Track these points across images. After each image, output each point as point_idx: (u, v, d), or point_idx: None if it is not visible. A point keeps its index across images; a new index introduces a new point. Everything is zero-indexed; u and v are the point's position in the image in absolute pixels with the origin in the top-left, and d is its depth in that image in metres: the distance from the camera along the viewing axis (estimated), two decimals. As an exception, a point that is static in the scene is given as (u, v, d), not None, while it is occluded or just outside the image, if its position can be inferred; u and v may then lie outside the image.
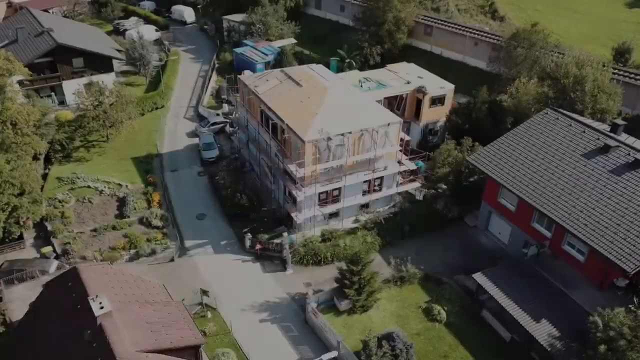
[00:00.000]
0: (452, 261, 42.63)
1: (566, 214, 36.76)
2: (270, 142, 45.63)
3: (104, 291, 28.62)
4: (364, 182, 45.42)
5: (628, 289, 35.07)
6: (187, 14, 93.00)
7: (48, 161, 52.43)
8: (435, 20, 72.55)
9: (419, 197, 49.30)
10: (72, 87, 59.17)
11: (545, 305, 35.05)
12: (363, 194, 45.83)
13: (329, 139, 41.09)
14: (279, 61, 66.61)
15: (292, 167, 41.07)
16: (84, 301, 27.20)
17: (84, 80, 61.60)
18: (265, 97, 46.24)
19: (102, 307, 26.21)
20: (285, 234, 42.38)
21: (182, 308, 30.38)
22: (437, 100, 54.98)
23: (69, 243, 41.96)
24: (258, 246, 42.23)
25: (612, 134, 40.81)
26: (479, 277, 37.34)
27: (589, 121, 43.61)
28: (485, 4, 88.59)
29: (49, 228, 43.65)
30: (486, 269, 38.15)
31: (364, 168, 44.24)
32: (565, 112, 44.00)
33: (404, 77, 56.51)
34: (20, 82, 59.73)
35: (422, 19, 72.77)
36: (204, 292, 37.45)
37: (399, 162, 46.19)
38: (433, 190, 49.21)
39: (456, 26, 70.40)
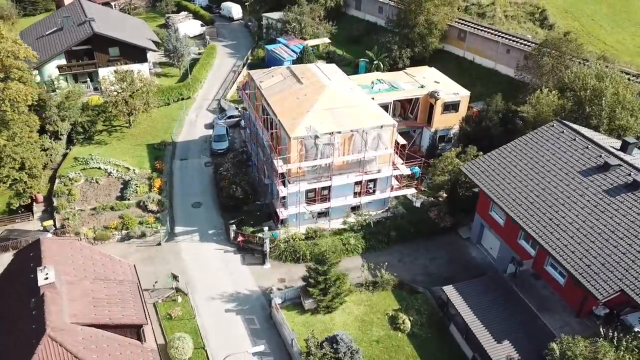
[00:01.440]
0: (436, 272, 41.27)
1: (548, 232, 34.64)
2: (263, 136, 46.15)
3: (59, 264, 30.28)
4: (356, 183, 44.91)
5: (608, 319, 32.49)
6: (235, 10, 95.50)
7: (71, 142, 55.71)
8: (469, 24, 70.27)
9: (417, 203, 48.01)
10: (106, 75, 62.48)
11: (513, 326, 33.24)
12: (354, 196, 45.27)
13: (316, 137, 40.97)
14: (300, 59, 66.92)
15: (276, 162, 41.36)
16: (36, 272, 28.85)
17: (119, 68, 64.73)
18: (266, 92, 46.81)
19: (46, 278, 27.69)
20: (266, 228, 42.75)
21: (134, 289, 31.46)
22: (451, 107, 53.31)
23: (68, 219, 44.47)
24: (240, 238, 42.85)
25: (617, 152, 37.93)
26: (448, 289, 35.95)
27: (598, 137, 40.78)
28: (536, 11, 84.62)
29: (55, 203, 46.47)
30: (460, 283, 36.68)
31: (355, 169, 43.72)
32: (572, 125, 41.36)
33: (420, 81, 55.27)
34: (59, 67, 64.28)
35: (457, 22, 70.63)
36: (174, 277, 38.51)
37: (394, 166, 45.26)
38: (432, 198, 47.87)
39: (490, 31, 67.81)
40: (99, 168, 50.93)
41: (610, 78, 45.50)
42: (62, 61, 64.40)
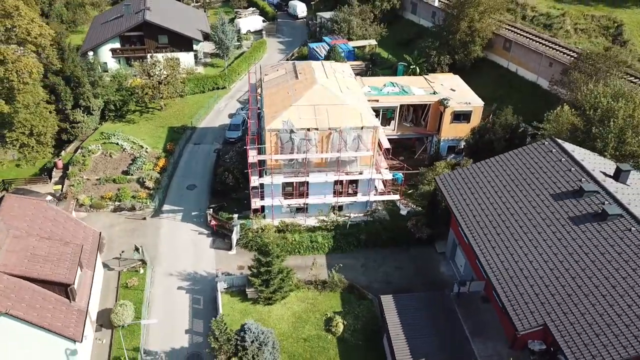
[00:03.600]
0: (396, 281, 39.95)
1: (494, 254, 32.34)
2: (250, 127, 47.24)
3: (14, 219, 33.63)
4: (338, 183, 44.56)
5: (543, 356, 29.68)
6: (299, 9, 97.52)
7: (104, 118, 60.64)
8: (517, 30, 66.37)
9: (403, 211, 46.51)
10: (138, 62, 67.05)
11: (439, 347, 31.48)
12: (334, 195, 44.93)
13: (292, 131, 41.28)
14: (327, 57, 67.07)
15: (250, 152, 42.30)
16: (-9, 223, 32.27)
17: (164, 55, 69.27)
18: (265, 84, 47.92)
19: (-11, 229, 30.90)
20: (236, 215, 43.82)
21: (77, 251, 33.86)
22: (462, 117, 50.95)
23: (73, 186, 48.68)
24: (213, 222, 44.32)
25: (603, 179, 34.48)
26: (385, 299, 34.71)
27: (594, 160, 37.36)
28: (611, 25, 77.85)
29: (68, 170, 51.02)
30: (400, 294, 35.28)
31: (334, 168, 43.39)
32: (565, 145, 38.13)
33: (437, 87, 53.34)
34: (112, 50, 70.07)
35: (507, 28, 66.94)
36: (136, 249, 40.82)
37: (377, 170, 44.30)
38: (420, 208, 46.17)
39: (537, 39, 63.60)
40: (117, 144, 54.97)
41: (628, 98, 41.02)
42: (117, 45, 70.11)
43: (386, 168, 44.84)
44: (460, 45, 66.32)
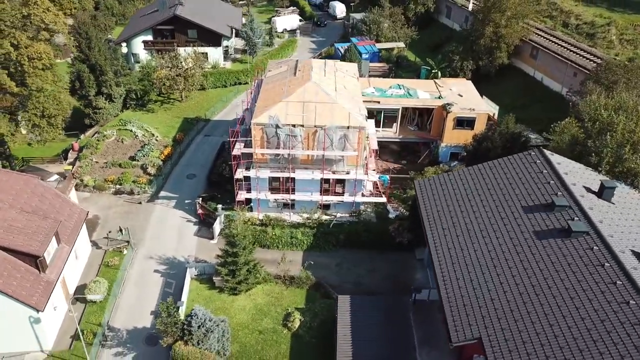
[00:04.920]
0: (366, 283, 39.46)
1: (449, 262, 31.30)
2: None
3: (2, 193, 36.00)
4: (325, 182, 44.52)
5: (487, 372, 28.47)
6: (338, 9, 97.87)
7: (125, 105, 63.54)
8: (549, 37, 63.63)
9: (392, 215, 45.77)
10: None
11: (382, 351, 30.87)
12: (321, 194, 44.89)
13: (277, 126, 41.68)
14: (342, 57, 66.85)
15: (237, 145, 43.05)
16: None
17: (194, 49, 71.55)
18: (265, 80, 48.69)
19: (-30, 198, 33.30)
20: (219, 206, 44.70)
21: (53, 227, 35.74)
22: (465, 123, 49.50)
23: (81, 167, 51.40)
24: (200, 211, 45.46)
25: (582, 194, 32.60)
26: (341, 298, 34.45)
27: (577, 173, 35.44)
28: (664, 36, 73.11)
29: (82, 152, 53.89)
30: (357, 295, 34.87)
31: (320, 166, 43.36)
32: (550, 156, 36.37)
33: (445, 92, 52.08)
34: (144, 42, 73.21)
35: (537, 34, 64.38)
36: (120, 230, 42.56)
37: (365, 171, 43.87)
38: (407, 212, 45.26)
39: (564, 44, 60.76)
40: (130, 130, 57.44)
41: (632, 112, 38.43)
42: (149, 37, 73.19)
43: (374, 170, 44.30)
44: (484, 51, 64.30)
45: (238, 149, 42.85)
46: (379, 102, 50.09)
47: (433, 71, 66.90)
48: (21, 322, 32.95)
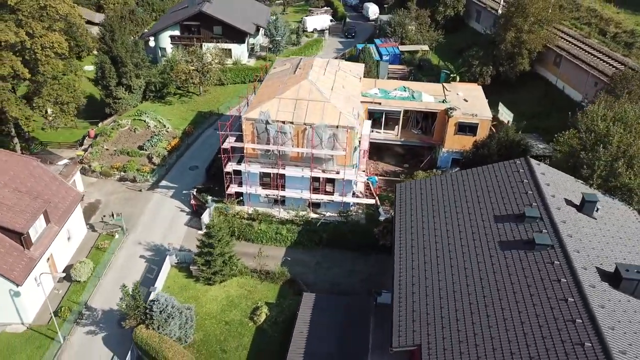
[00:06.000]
0: (342, 283, 39.25)
1: (410, 268, 30.69)
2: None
3: (-1, 172, 38.24)
4: (315, 180, 44.57)
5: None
6: (371, 10, 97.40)
7: (145, 97, 65.76)
8: (575, 41, 61.15)
9: (382, 217, 45.21)
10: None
11: (334, 351, 30.72)
12: (311, 192, 44.95)
13: (267, 122, 42.08)
14: (356, 58, 66.45)
15: (229, 139, 43.77)
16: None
17: (217, 45, 73.23)
18: (267, 77, 49.26)
19: (-35, 175, 35.51)
20: (209, 198, 45.52)
21: (42, 207, 37.55)
22: (467, 128, 48.17)
23: (92, 153, 53.65)
24: (192, 202, 46.50)
25: (558, 206, 31.30)
26: (306, 296, 34.47)
27: (561, 185, 34.02)
28: None
29: (95, 139, 56.25)
30: (323, 294, 34.73)
31: (310, 164, 43.43)
32: (535, 166, 35.10)
33: (450, 96, 50.94)
34: (171, 37, 75.49)
35: (566, 41, 62.03)
36: (112, 215, 44.15)
37: (356, 171, 43.61)
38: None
39: (590, 50, 58.11)
40: (144, 121, 59.39)
41: (631, 122, 36.39)
42: (176, 33, 75.38)
43: (363, 170, 43.92)
44: (505, 56, 62.36)
45: (229, 142, 43.54)
46: (380, 104, 49.55)
47: (451, 75, 65.58)
48: (2, 294, 34.77)
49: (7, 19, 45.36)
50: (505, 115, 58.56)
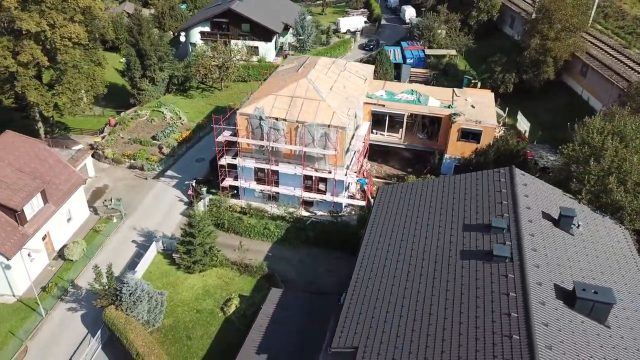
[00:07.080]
0: (320, 282, 39.23)
1: (369, 271, 30.30)
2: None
3: (4, 152, 40.60)
4: (308, 179, 44.72)
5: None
6: (407, 13, 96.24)
7: (169, 89, 67.95)
8: (605, 49, 58.31)
9: (373, 220, 44.67)
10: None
11: (290, 348, 30.71)
12: (303, 190, 45.11)
13: (261, 118, 42.60)
14: (372, 61, 65.78)
15: (224, 133, 44.59)
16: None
17: (246, 42, 74.64)
18: (273, 74, 49.89)
19: (-30, 153, 38.02)
20: (204, 189, 46.48)
21: (40, 186, 39.67)
22: (471, 135, 46.82)
23: (107, 140, 56.04)
24: (190, 192, 47.69)
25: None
26: (273, 291, 34.67)
27: (543, 197, 32.70)
28: None
29: (115, 127, 58.75)
30: (293, 292, 34.83)
31: (302, 162, 43.61)
32: (520, 176, 33.86)
33: (458, 101, 49.73)
34: (201, 33, 77.57)
35: (593, 44, 59.32)
36: (111, 200, 45.96)
37: (346, 172, 43.40)
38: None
39: (620, 57, 55.36)
40: (162, 112, 61.39)
41: (630, 136, 34.34)
42: (207, 29, 77.39)
43: (354, 172, 43.63)
44: (529, 64, 60.11)
45: (223, 136, 44.36)
46: (383, 106, 49.00)
47: (473, 81, 63.93)
48: (-8, 266, 37.06)
49: (32, 10, 48.12)
50: (523, 124, 56.57)
